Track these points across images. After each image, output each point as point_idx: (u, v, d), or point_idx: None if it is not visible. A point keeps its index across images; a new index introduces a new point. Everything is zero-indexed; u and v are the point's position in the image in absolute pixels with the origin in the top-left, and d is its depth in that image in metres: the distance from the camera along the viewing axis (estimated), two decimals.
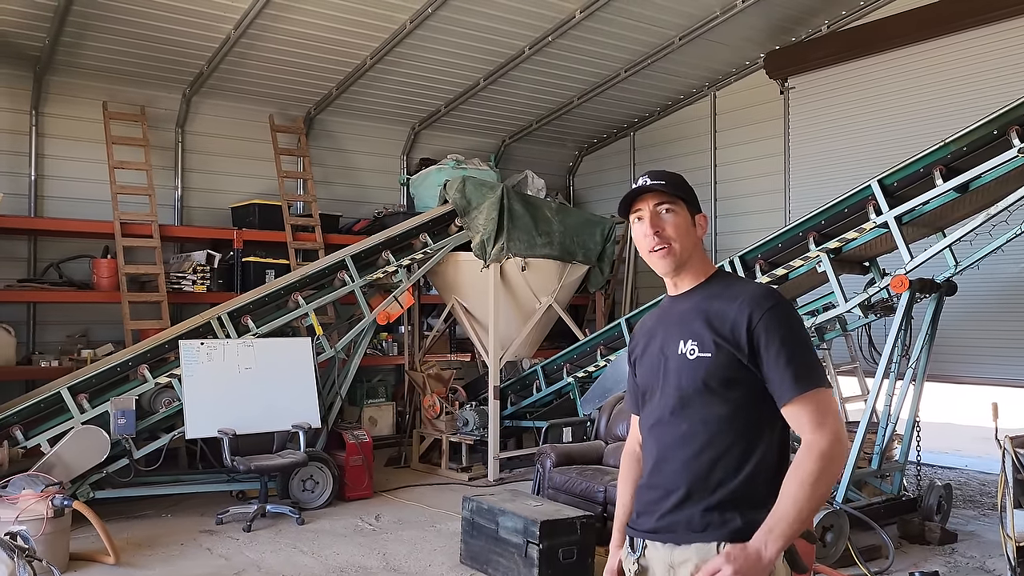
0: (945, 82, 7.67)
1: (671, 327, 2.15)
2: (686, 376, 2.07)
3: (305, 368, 6.90)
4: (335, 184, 9.77)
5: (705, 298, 2.11)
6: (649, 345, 2.19)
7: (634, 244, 2.27)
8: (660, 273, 2.16)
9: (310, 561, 5.47)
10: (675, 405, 2.09)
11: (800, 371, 1.95)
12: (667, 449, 2.11)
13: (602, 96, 9.82)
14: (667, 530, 2.08)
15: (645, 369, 2.19)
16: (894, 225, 5.35)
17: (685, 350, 2.07)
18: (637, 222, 2.14)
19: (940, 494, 5.83)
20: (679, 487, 2.06)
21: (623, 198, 2.15)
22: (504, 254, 7.66)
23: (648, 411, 2.17)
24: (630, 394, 2.34)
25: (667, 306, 2.23)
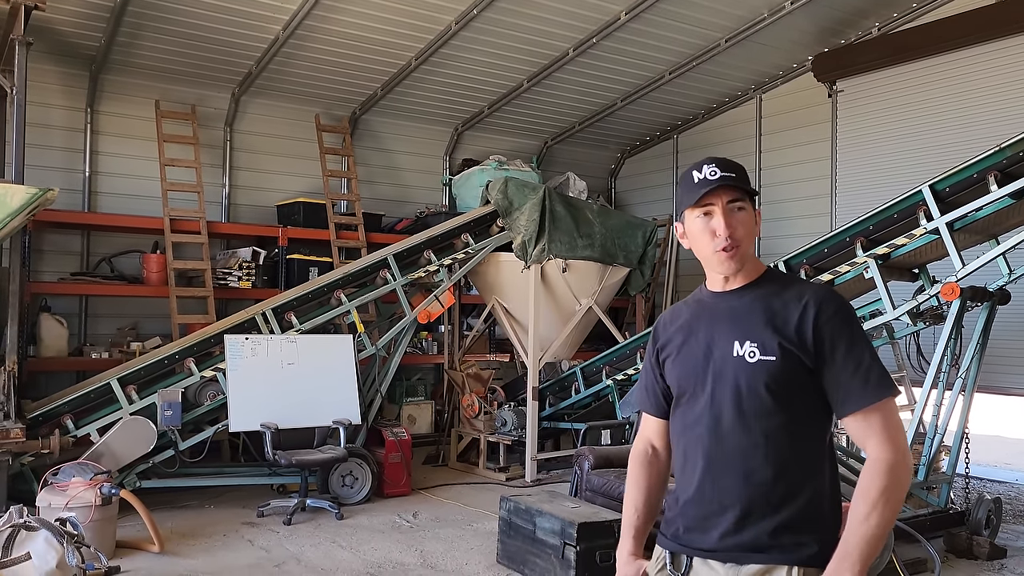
0: (998, 87, 7.50)
1: (720, 325, 2.00)
2: (745, 381, 1.93)
3: (346, 365, 6.97)
4: (378, 184, 9.86)
5: (761, 296, 1.99)
6: (688, 342, 2.04)
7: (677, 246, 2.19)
8: (719, 272, 2.02)
9: (348, 556, 5.52)
10: (732, 412, 1.94)
11: (872, 377, 1.87)
12: (722, 460, 1.95)
13: (645, 98, 9.77)
14: (731, 549, 1.94)
15: (683, 367, 2.04)
16: (945, 231, 5.23)
17: (743, 352, 1.93)
18: (703, 217, 1.98)
19: (989, 508, 5.68)
20: (737, 503, 1.93)
21: (694, 188, 1.97)
22: (545, 255, 7.66)
23: (686, 413, 2.02)
24: (648, 392, 2.20)
25: (710, 302, 2.07)
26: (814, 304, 1.92)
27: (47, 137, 7.94)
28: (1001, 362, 6.95)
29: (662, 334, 2.15)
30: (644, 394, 2.21)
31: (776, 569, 1.90)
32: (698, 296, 2.14)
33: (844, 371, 1.88)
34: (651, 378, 2.17)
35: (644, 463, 2.20)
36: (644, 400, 2.22)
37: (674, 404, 2.09)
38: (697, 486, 1.99)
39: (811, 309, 1.92)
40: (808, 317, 1.91)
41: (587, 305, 7.93)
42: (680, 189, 2.05)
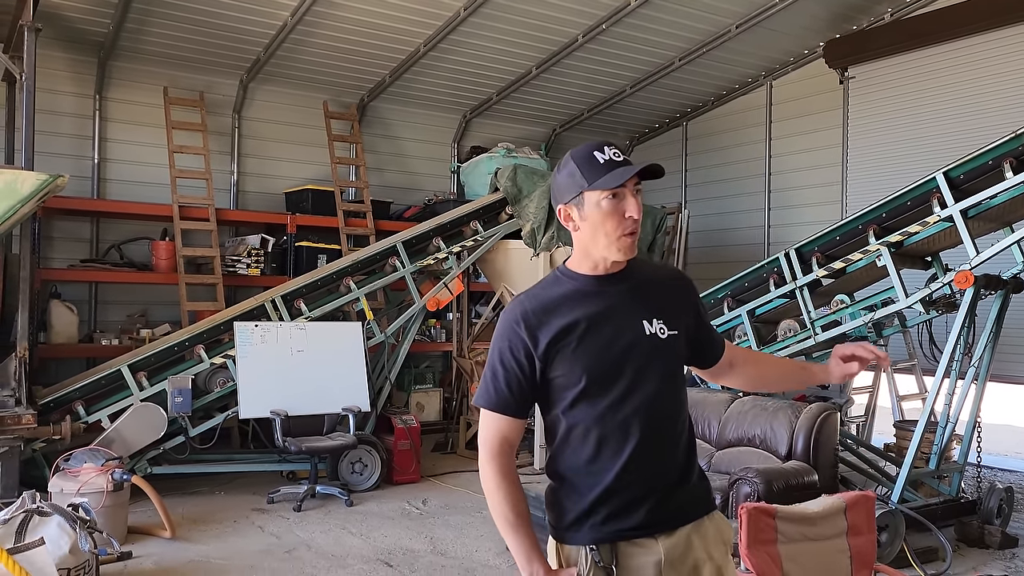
0: (1012, 73, 7.42)
1: (619, 308, 1.99)
2: (664, 357, 2.02)
3: (355, 352, 6.98)
4: (387, 171, 9.84)
5: (643, 278, 2.06)
6: (591, 330, 1.96)
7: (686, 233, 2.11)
8: (619, 256, 1.97)
9: (358, 542, 5.54)
10: (660, 389, 2.00)
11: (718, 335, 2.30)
12: (655, 438, 1.99)
13: (655, 85, 9.70)
14: (661, 521, 1.99)
15: (592, 356, 1.95)
16: (959, 219, 5.19)
17: (655, 330, 2.00)
18: (611, 199, 1.92)
19: (1001, 497, 5.66)
20: (670, 470, 2.02)
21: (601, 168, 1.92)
22: (554, 243, 7.63)
23: (598, 402, 1.95)
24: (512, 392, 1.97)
25: (593, 287, 2.00)
26: (685, 282, 2.20)
27: (56, 124, 7.93)
28: (1014, 350, 6.90)
29: (537, 328, 1.95)
30: (506, 395, 1.97)
31: (700, 523, 2.04)
32: (570, 283, 2.02)
33: (710, 330, 2.24)
34: (518, 377, 1.97)
35: (512, 463, 2.01)
36: (506, 401, 1.98)
37: (574, 395, 1.96)
38: (620, 471, 1.95)
39: (687, 286, 2.18)
40: (688, 293, 2.15)
41: None
42: (578, 170, 1.94)
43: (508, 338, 1.98)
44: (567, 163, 1.99)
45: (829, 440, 5.47)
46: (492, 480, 1.99)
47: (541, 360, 1.96)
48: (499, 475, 1.98)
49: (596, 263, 2.00)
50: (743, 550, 2.47)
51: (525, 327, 1.96)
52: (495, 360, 2.01)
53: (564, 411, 1.98)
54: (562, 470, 2.03)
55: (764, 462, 5.34)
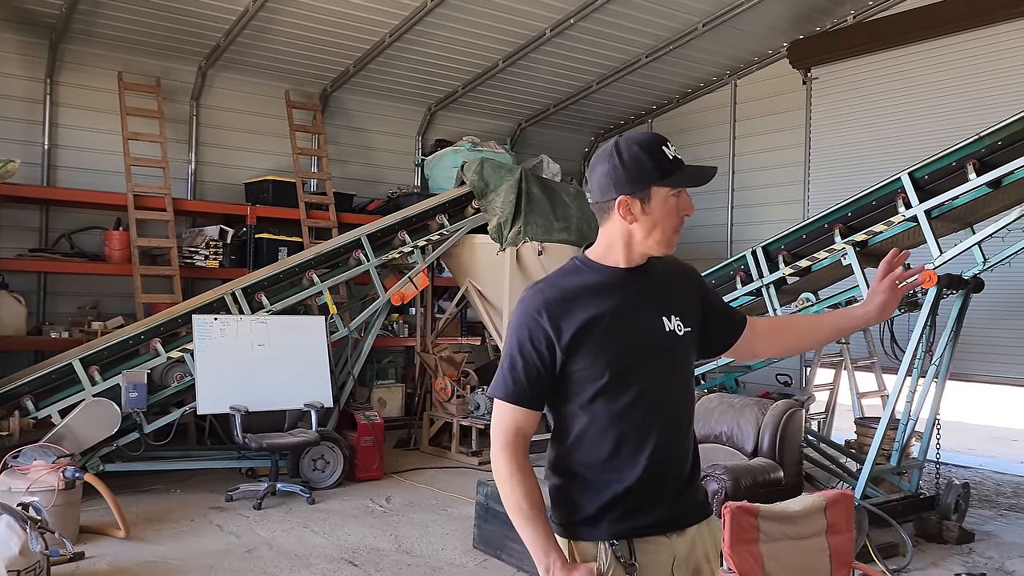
0: (972, 76, 7.56)
1: (641, 302, 1.99)
2: (681, 354, 2.03)
3: (318, 347, 6.84)
4: (349, 163, 9.68)
5: (661, 273, 2.05)
6: (615, 322, 1.93)
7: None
8: (660, 252, 1.99)
9: (321, 541, 5.42)
10: (677, 387, 2.02)
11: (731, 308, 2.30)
12: (673, 435, 2.00)
13: (621, 81, 9.71)
14: (674, 520, 2.00)
15: (615, 349, 1.92)
16: (924, 219, 5.27)
17: (673, 326, 2.00)
18: (675, 197, 1.95)
19: (958, 493, 5.76)
20: (683, 469, 2.03)
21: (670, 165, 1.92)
22: (521, 238, 7.58)
23: (617, 397, 1.93)
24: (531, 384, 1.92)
25: (619, 279, 1.98)
26: (693, 274, 2.18)
27: (4, 108, 7.64)
28: (972, 350, 7.03)
29: (560, 318, 1.91)
30: (524, 386, 1.92)
31: (703, 524, 2.05)
32: (591, 273, 1.99)
33: (725, 310, 2.23)
34: (538, 368, 1.92)
35: (526, 454, 1.96)
36: (523, 393, 1.93)
37: (595, 390, 1.92)
38: (644, 469, 1.94)
39: (695, 277, 2.17)
40: (697, 286, 2.15)
41: None
42: (648, 160, 1.90)
43: (529, 327, 1.93)
44: (631, 153, 1.92)
45: (794, 437, 5.51)
46: (505, 470, 1.92)
47: (564, 352, 1.91)
48: (513, 465, 1.92)
49: (628, 257, 1.98)
50: (726, 550, 2.44)
51: (548, 317, 1.91)
52: (513, 350, 1.95)
53: (583, 406, 1.94)
54: (576, 466, 1.97)
55: (731, 459, 5.36)
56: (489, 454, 1.99)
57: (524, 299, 1.98)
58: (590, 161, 2.03)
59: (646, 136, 1.97)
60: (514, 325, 1.97)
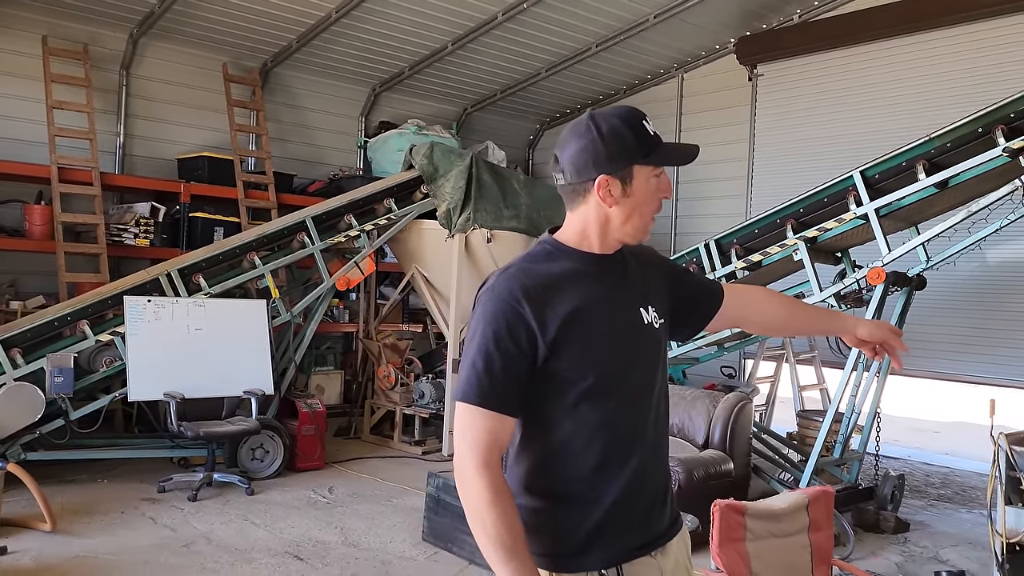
0: (914, 79, 7.75)
1: (620, 293, 1.80)
2: (659, 349, 1.85)
3: (259, 332, 6.58)
4: (289, 142, 9.36)
5: (631, 260, 1.86)
6: (601, 314, 1.72)
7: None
8: (635, 238, 1.80)
9: (263, 534, 5.22)
10: (659, 384, 1.83)
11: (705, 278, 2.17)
12: (654, 445, 1.82)
13: (570, 70, 9.64)
14: (658, 537, 1.82)
15: (607, 345, 1.72)
16: (874, 217, 5.36)
17: (650, 318, 1.81)
18: (657, 178, 1.75)
19: (894, 484, 5.93)
20: (666, 478, 1.87)
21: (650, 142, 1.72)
22: (470, 224, 7.45)
23: (601, 403, 1.71)
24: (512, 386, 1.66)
25: (591, 266, 1.77)
26: (658, 258, 2.01)
27: None
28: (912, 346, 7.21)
29: (544, 308, 1.66)
30: (503, 388, 1.65)
31: (678, 537, 1.88)
32: (566, 260, 1.76)
33: (699, 282, 2.08)
34: (519, 365, 1.65)
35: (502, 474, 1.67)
36: (503, 396, 1.65)
37: (579, 392, 1.70)
38: (630, 482, 1.74)
39: (661, 263, 2.00)
40: (664, 270, 1.97)
41: None
42: (630, 136, 1.71)
43: (506, 318, 1.64)
44: (609, 125, 1.71)
45: (744, 429, 5.58)
46: (483, 496, 1.61)
47: (547, 347, 1.65)
48: (492, 490, 1.61)
49: (603, 243, 1.77)
50: (714, 548, 2.40)
51: (529, 306, 1.65)
52: (487, 345, 1.64)
53: (566, 411, 1.70)
54: (558, 484, 1.73)
55: (683, 451, 5.39)
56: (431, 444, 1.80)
57: (495, 286, 1.70)
58: (560, 137, 1.79)
59: (625, 109, 1.76)
60: (485, 316, 1.67)
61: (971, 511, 6.39)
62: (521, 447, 1.77)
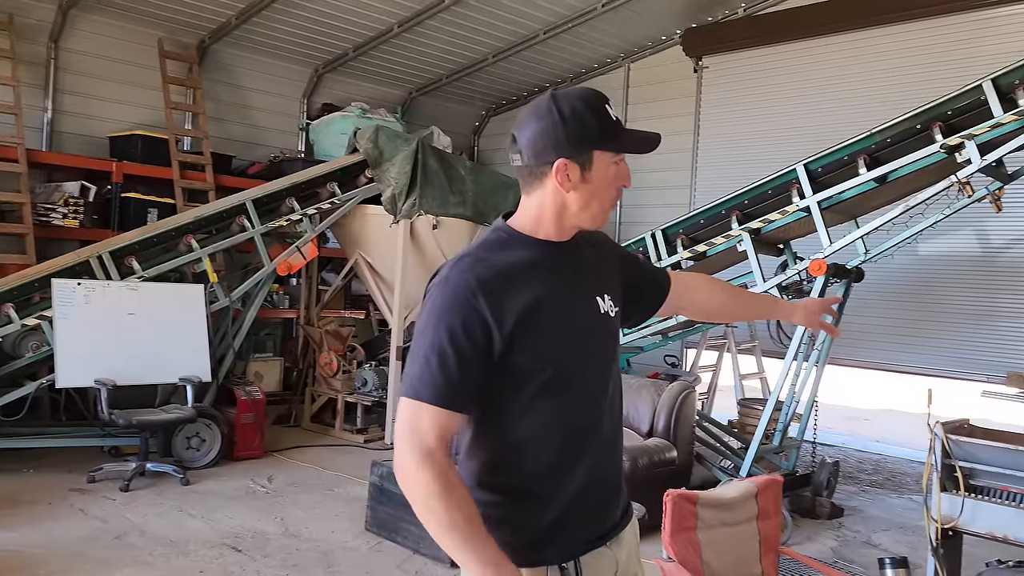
0: (856, 75, 7.88)
1: (578, 282, 1.75)
2: (615, 338, 1.82)
3: (196, 317, 6.39)
4: (228, 122, 9.08)
5: (586, 248, 1.80)
6: (560, 305, 1.68)
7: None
8: (592, 225, 1.74)
9: (200, 525, 5.07)
10: (615, 375, 1.80)
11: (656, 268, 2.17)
12: (611, 437, 1.80)
13: (517, 57, 9.58)
14: (613, 528, 1.81)
15: (565, 336, 1.68)
16: (816, 209, 5.45)
17: (606, 307, 1.78)
18: (617, 165, 1.70)
19: (830, 471, 6.08)
20: (618, 476, 1.83)
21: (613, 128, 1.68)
22: (416, 210, 7.35)
23: (560, 398, 1.68)
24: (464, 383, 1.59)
25: (548, 254, 1.72)
26: (611, 244, 1.97)
27: None
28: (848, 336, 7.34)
29: (500, 300, 1.60)
30: (458, 385, 1.58)
31: (630, 525, 1.87)
32: (522, 248, 1.70)
33: (649, 269, 2.10)
34: (474, 362, 1.59)
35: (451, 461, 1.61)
36: (456, 393, 1.58)
37: (538, 385, 1.65)
38: (590, 473, 1.71)
39: (614, 250, 1.97)
40: (616, 258, 1.94)
41: None
42: (592, 119, 1.65)
43: (461, 313, 1.58)
44: (572, 107, 1.65)
45: (688, 418, 5.64)
46: (431, 486, 1.53)
47: (504, 340, 1.59)
48: (440, 479, 1.54)
49: (559, 230, 1.71)
50: (666, 538, 2.40)
51: (485, 298, 1.58)
52: (441, 340, 1.57)
53: (524, 404, 1.65)
54: (515, 479, 1.69)
55: (628, 439, 5.41)
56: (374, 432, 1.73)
57: (448, 278, 1.63)
58: (520, 117, 1.72)
59: (588, 91, 1.70)
60: (438, 310, 1.60)
61: (901, 496, 6.61)
62: (475, 442, 1.72)
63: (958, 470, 3.43)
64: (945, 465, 3.49)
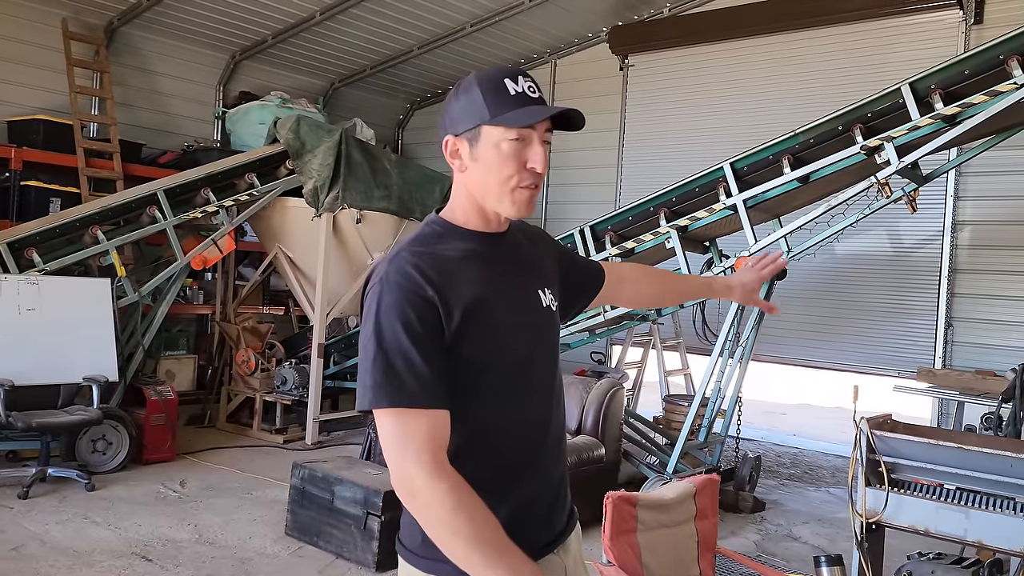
0: (780, 76, 8.03)
1: (519, 275, 1.68)
2: (556, 333, 1.75)
3: (102, 313, 6.03)
4: (139, 109, 8.64)
5: (520, 239, 1.74)
6: (502, 299, 1.60)
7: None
8: (511, 213, 1.61)
9: (106, 534, 4.78)
10: (558, 375, 1.73)
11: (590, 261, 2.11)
12: (556, 435, 1.72)
13: (443, 49, 9.44)
14: (561, 533, 1.73)
15: (510, 332, 1.60)
16: (742, 208, 5.51)
17: (548, 301, 1.70)
18: (513, 142, 1.55)
19: (752, 465, 6.18)
20: (564, 475, 1.75)
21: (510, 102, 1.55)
22: (339, 204, 7.13)
23: (506, 395, 1.60)
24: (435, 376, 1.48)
25: (483, 245, 1.64)
26: (547, 237, 1.91)
27: None
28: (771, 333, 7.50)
29: (447, 292, 1.52)
30: (429, 378, 1.47)
31: (575, 532, 1.79)
32: (459, 240, 1.62)
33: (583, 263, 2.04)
34: (438, 355, 1.50)
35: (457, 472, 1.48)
36: (431, 387, 1.48)
37: (486, 385, 1.57)
38: (538, 475, 1.65)
39: (551, 243, 1.91)
40: (554, 250, 1.88)
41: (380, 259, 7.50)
42: (481, 96, 1.55)
43: (411, 305, 1.48)
44: (469, 87, 1.58)
45: (616, 415, 5.64)
46: (446, 504, 1.41)
47: (453, 335, 1.51)
48: (455, 494, 1.42)
49: (484, 220, 1.63)
50: (606, 542, 2.34)
51: (433, 289, 1.50)
52: (397, 337, 1.47)
53: (470, 405, 1.56)
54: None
55: None
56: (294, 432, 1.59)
57: (388, 275, 1.52)
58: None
59: (493, 68, 1.62)
60: (386, 308, 1.49)
61: (819, 489, 6.77)
62: None
63: (882, 465, 3.48)
64: (870, 460, 3.54)
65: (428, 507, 1.43)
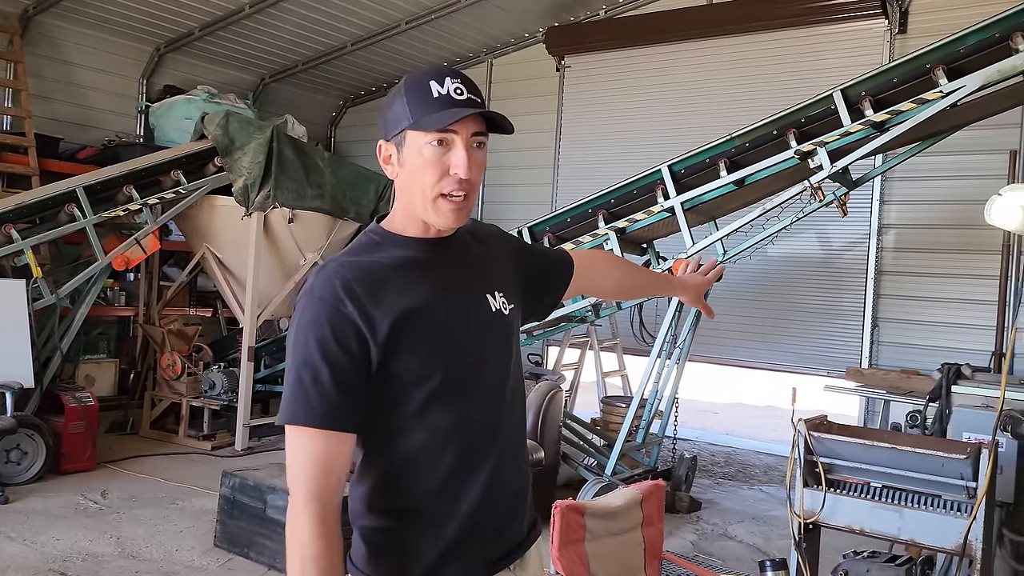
0: (715, 81, 8.11)
1: (463, 280, 1.61)
2: (510, 338, 1.67)
3: (17, 316, 5.72)
4: (56, 101, 8.23)
5: (470, 241, 1.68)
6: (442, 306, 1.54)
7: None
8: (438, 223, 1.55)
9: (21, 549, 4.52)
10: (511, 382, 1.65)
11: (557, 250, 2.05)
12: (511, 443, 1.65)
13: (377, 46, 9.28)
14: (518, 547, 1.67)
15: (451, 340, 1.54)
16: (679, 210, 5.55)
17: (499, 305, 1.64)
18: (435, 146, 1.49)
19: (688, 465, 6.24)
20: (519, 488, 1.68)
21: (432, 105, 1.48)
22: (270, 202, 6.92)
23: (452, 404, 1.53)
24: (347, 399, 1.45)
25: (423, 252, 1.58)
26: (502, 236, 1.84)
27: None
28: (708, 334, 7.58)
29: (371, 305, 1.47)
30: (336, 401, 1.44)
31: (535, 546, 1.74)
32: (396, 248, 1.57)
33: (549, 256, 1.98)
34: (350, 373, 1.45)
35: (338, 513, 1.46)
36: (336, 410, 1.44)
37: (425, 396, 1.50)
38: (488, 488, 1.57)
39: (507, 241, 1.84)
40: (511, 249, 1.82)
41: (313, 260, 7.29)
42: (405, 100, 1.51)
43: (330, 322, 1.44)
44: (399, 89, 1.54)
45: (555, 418, 5.61)
46: (306, 533, 1.41)
47: (381, 349, 1.46)
48: (316, 527, 1.41)
49: (422, 225, 1.58)
50: (554, 552, 2.29)
51: (354, 304, 1.45)
52: (312, 356, 1.43)
53: (412, 418, 1.50)
54: (407, 499, 1.54)
55: None
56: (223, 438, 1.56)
57: (312, 287, 1.49)
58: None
59: (425, 69, 1.56)
60: (305, 323, 1.46)
61: (752, 488, 6.89)
62: (364, 464, 1.57)
63: (819, 466, 3.53)
64: (808, 461, 3.59)
65: (290, 528, 1.45)
